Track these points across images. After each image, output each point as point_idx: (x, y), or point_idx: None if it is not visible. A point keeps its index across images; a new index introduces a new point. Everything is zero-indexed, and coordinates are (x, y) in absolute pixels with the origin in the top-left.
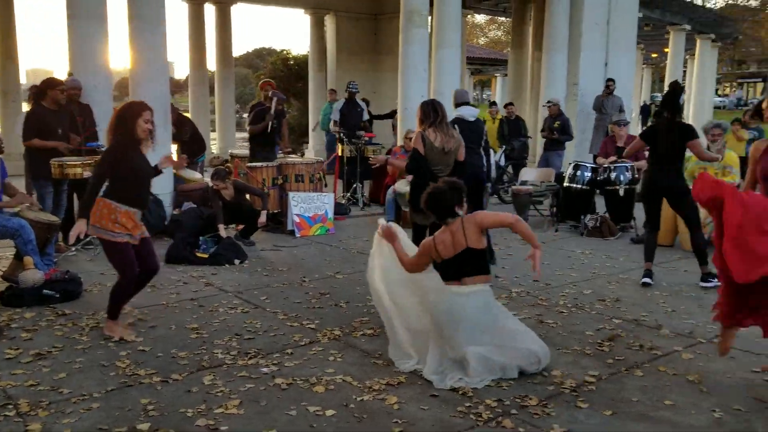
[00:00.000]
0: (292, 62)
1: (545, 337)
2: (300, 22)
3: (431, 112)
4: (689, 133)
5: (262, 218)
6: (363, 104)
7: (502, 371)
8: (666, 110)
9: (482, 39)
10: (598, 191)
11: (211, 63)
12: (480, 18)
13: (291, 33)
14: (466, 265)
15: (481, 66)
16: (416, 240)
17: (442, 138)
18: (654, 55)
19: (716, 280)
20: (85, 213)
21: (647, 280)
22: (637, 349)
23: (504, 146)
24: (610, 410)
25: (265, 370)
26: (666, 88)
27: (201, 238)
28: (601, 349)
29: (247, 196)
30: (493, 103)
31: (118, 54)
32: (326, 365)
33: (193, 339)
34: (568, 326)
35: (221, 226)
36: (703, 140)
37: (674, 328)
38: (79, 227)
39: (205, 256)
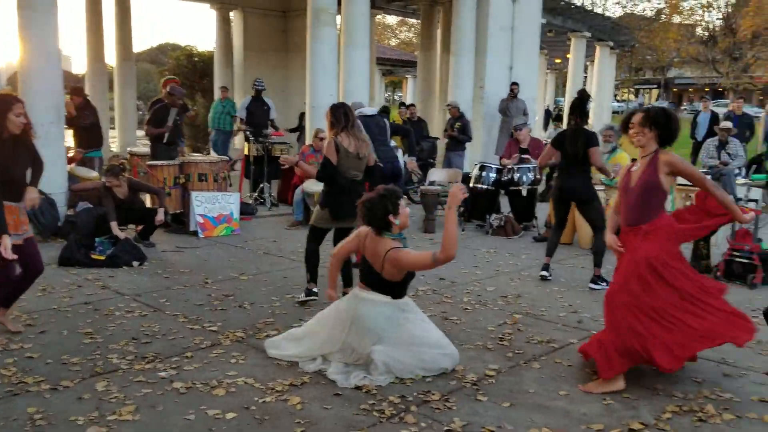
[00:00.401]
0: (197, 58)
1: (449, 334)
2: (206, 17)
3: (342, 116)
4: (591, 140)
5: (160, 216)
6: (270, 102)
7: (410, 373)
8: (574, 117)
9: (393, 40)
10: (502, 191)
11: (111, 57)
12: (391, 19)
13: (197, 29)
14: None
15: (393, 67)
16: (314, 244)
17: (355, 143)
18: (557, 61)
19: (605, 284)
20: None
21: (545, 273)
22: (536, 343)
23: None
24: (509, 402)
25: (163, 374)
26: (568, 93)
27: (97, 239)
28: (502, 343)
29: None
30: (402, 104)
31: (8, 46)
32: (228, 368)
33: (87, 344)
34: (472, 322)
35: (114, 224)
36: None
37: (570, 321)
38: None
39: (102, 258)
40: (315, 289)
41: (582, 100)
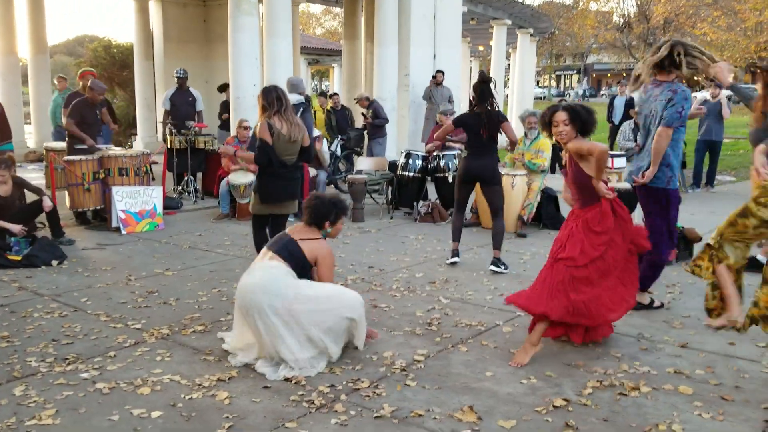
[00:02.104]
0: (115, 50)
1: (378, 322)
2: (124, 7)
3: (275, 100)
4: (499, 116)
5: (47, 202)
6: (197, 94)
7: (320, 344)
8: (478, 99)
9: (318, 29)
10: (429, 178)
11: (24, 50)
12: (315, 8)
13: (115, 19)
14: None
15: (318, 56)
16: (259, 231)
17: (288, 126)
18: (480, 48)
19: (504, 267)
20: None
21: (455, 259)
22: (463, 327)
23: (340, 136)
24: (437, 385)
25: (85, 375)
26: (478, 83)
27: (13, 238)
28: (430, 328)
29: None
30: (322, 94)
31: None
32: (153, 366)
33: (3, 348)
34: (401, 309)
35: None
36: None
37: (497, 304)
38: None
39: (18, 258)
40: None
41: (485, 82)
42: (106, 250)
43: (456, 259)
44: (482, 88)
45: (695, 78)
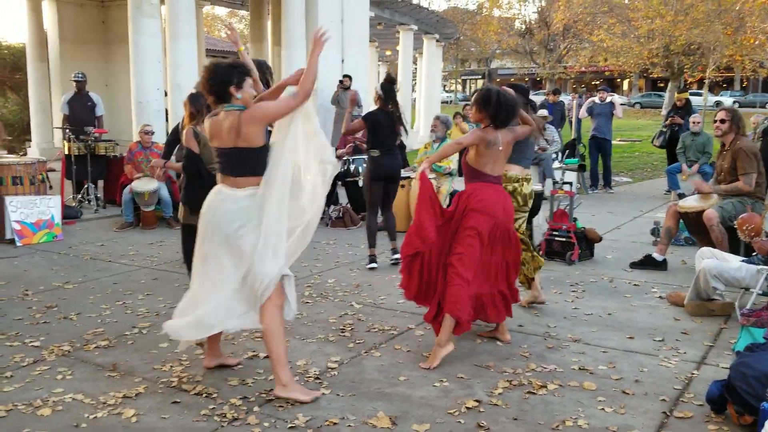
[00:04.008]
0: (6, 51)
1: (290, 330)
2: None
3: (204, 107)
4: (401, 117)
5: None
6: (97, 98)
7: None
8: (386, 98)
9: (224, 32)
10: (339, 183)
11: None
12: (220, 10)
13: (5, 19)
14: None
15: (224, 59)
16: (188, 244)
17: None
18: (388, 53)
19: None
20: None
21: (373, 265)
22: (377, 331)
23: None
24: (351, 392)
25: None
26: (400, 84)
27: None
28: (343, 334)
29: None
30: None
31: None
32: (54, 385)
33: None
34: (313, 315)
35: None
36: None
37: (409, 307)
38: None
39: None
40: None
41: (392, 83)
42: (0, 264)
43: (374, 264)
44: (390, 88)
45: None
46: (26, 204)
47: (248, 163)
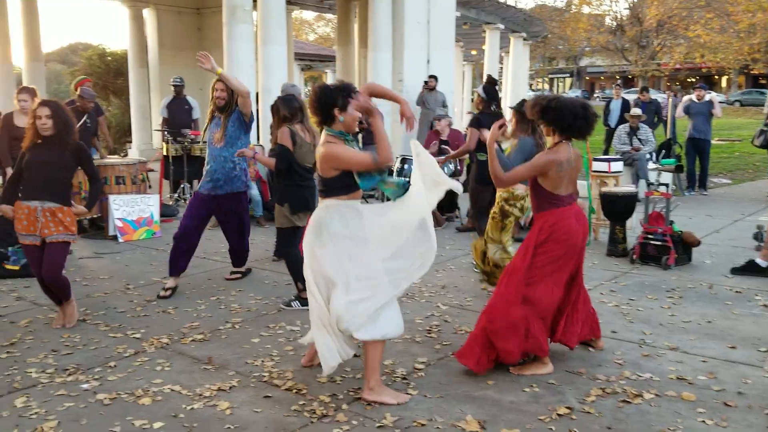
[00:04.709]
0: (110, 58)
1: None
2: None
3: (297, 110)
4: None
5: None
6: (194, 102)
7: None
8: (491, 102)
9: (311, 35)
10: None
11: (18, 58)
12: (308, 14)
13: (108, 27)
14: None
15: (311, 62)
16: (292, 248)
17: (310, 136)
18: (473, 52)
19: None
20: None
21: None
22: (463, 334)
23: None
24: (439, 394)
25: (85, 386)
26: (488, 85)
27: (10, 248)
28: (430, 335)
29: None
30: None
31: None
32: (153, 376)
33: (3, 359)
34: None
35: None
36: None
37: None
38: None
39: (16, 268)
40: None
41: (494, 84)
42: (104, 259)
43: None
44: (493, 89)
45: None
46: (128, 202)
47: (322, 184)
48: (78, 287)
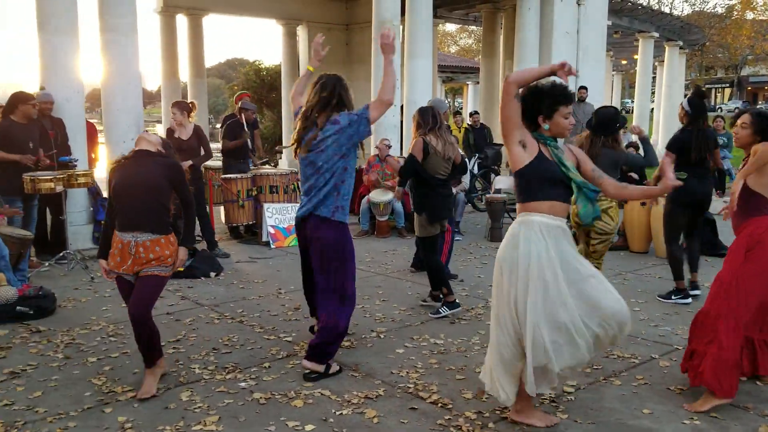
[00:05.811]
0: (264, 73)
1: None
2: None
3: (431, 118)
4: (715, 141)
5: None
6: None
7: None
8: (697, 117)
9: (453, 47)
10: None
11: (184, 74)
12: (450, 26)
13: (263, 43)
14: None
15: (453, 74)
16: (433, 255)
17: (443, 145)
18: (623, 62)
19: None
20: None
21: (696, 292)
22: (615, 358)
23: (477, 154)
24: (590, 420)
25: (243, 384)
26: (637, 95)
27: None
28: None
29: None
30: (457, 113)
31: (90, 66)
32: (304, 379)
33: (170, 354)
34: None
35: None
36: None
37: (651, 335)
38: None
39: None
40: (456, 300)
41: (702, 98)
42: (258, 264)
43: (697, 292)
44: (701, 103)
45: None
46: (280, 210)
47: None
48: (235, 289)
